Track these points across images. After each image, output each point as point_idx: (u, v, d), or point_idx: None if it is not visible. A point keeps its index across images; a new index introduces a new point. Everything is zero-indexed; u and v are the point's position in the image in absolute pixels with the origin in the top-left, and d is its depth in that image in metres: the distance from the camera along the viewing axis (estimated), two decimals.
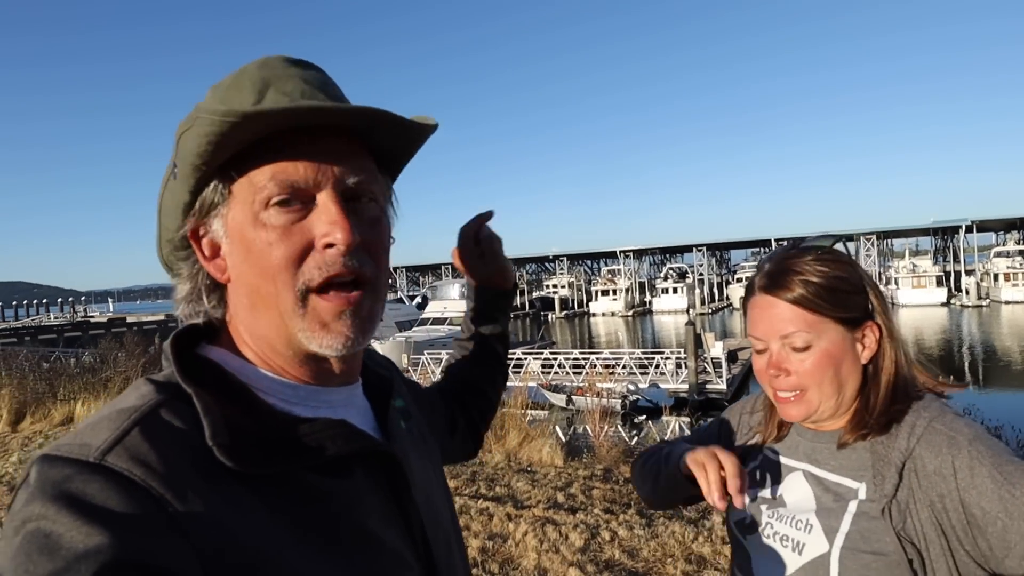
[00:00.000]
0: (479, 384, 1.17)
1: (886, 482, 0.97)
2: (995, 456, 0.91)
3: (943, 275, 61.54)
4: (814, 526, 1.03)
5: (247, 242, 0.64)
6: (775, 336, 1.07)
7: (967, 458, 0.92)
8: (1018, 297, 54.63)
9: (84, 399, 10.20)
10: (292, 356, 0.67)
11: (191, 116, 0.62)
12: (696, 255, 76.14)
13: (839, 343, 1.05)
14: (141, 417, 0.57)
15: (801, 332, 1.04)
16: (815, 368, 1.04)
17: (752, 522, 1.15)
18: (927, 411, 1.01)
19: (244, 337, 0.69)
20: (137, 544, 0.49)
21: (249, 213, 0.63)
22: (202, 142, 0.60)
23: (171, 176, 0.66)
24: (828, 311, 1.04)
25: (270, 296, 0.64)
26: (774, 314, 1.07)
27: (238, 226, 0.64)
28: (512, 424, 8.05)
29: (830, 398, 1.06)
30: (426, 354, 22.09)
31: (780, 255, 1.11)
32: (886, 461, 0.99)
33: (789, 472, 1.14)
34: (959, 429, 0.96)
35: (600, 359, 20.20)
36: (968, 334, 38.16)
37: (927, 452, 0.96)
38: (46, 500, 0.50)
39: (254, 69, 0.65)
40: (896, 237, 75.63)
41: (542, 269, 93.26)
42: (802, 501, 1.08)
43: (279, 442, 0.62)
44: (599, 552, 4.47)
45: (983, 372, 25.82)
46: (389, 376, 0.85)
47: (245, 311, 0.67)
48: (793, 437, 1.16)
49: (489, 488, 6.09)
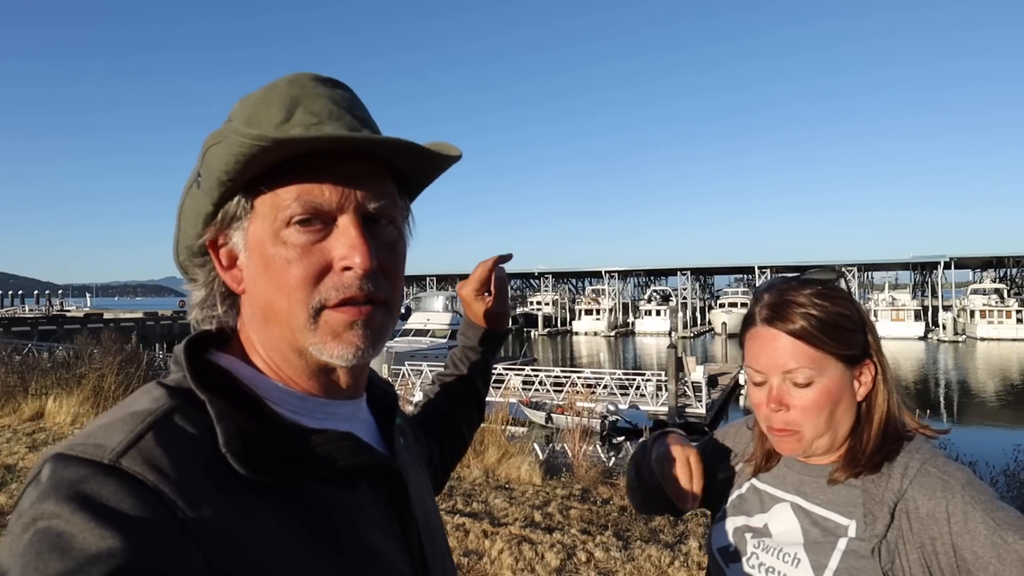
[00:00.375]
0: (457, 421, 1.16)
1: (877, 522, 0.97)
2: (988, 502, 0.92)
3: (921, 309, 62.56)
4: (802, 560, 1.02)
5: (266, 257, 0.65)
6: (777, 370, 1.05)
7: (961, 503, 0.92)
8: (993, 334, 55.67)
9: (56, 395, 9.98)
10: (303, 368, 0.68)
11: (220, 132, 0.63)
12: (680, 279, 76.82)
13: (839, 380, 1.04)
14: (155, 421, 0.58)
15: (804, 368, 1.03)
16: (814, 405, 1.03)
17: (736, 550, 1.14)
18: (919, 453, 1.01)
19: (256, 346, 0.70)
20: (149, 549, 0.49)
21: (270, 229, 0.64)
22: (230, 160, 0.61)
23: (195, 184, 0.67)
24: (831, 347, 1.03)
25: (283, 311, 0.65)
26: (777, 347, 1.05)
27: (258, 241, 0.65)
28: (491, 440, 8.01)
29: (824, 436, 1.05)
30: (407, 365, 21.99)
31: (781, 287, 1.09)
32: (878, 501, 0.99)
33: (776, 503, 1.13)
34: (952, 473, 0.97)
35: (581, 378, 20.20)
36: (944, 369, 38.67)
37: (920, 494, 0.96)
38: (60, 499, 0.50)
39: (284, 86, 0.66)
40: (877, 270, 76.94)
41: (527, 285, 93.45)
42: (789, 533, 1.07)
43: (289, 452, 0.62)
44: (575, 573, 4.44)
45: (958, 407, 26.14)
46: (393, 393, 0.87)
47: (258, 322, 0.68)
48: (781, 468, 1.16)
49: (466, 504, 6.04)
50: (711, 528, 1.23)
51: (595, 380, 20.42)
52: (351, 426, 0.71)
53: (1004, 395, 28.89)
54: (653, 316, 68.80)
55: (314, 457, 0.64)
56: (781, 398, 1.05)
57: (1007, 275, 72.39)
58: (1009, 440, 9.22)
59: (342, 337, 0.65)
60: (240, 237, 0.67)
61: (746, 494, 1.19)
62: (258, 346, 0.69)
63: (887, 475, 1.00)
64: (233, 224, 0.67)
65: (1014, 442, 7.70)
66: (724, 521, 1.19)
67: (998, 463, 6.74)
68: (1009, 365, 38.24)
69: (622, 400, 19.63)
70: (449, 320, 32.20)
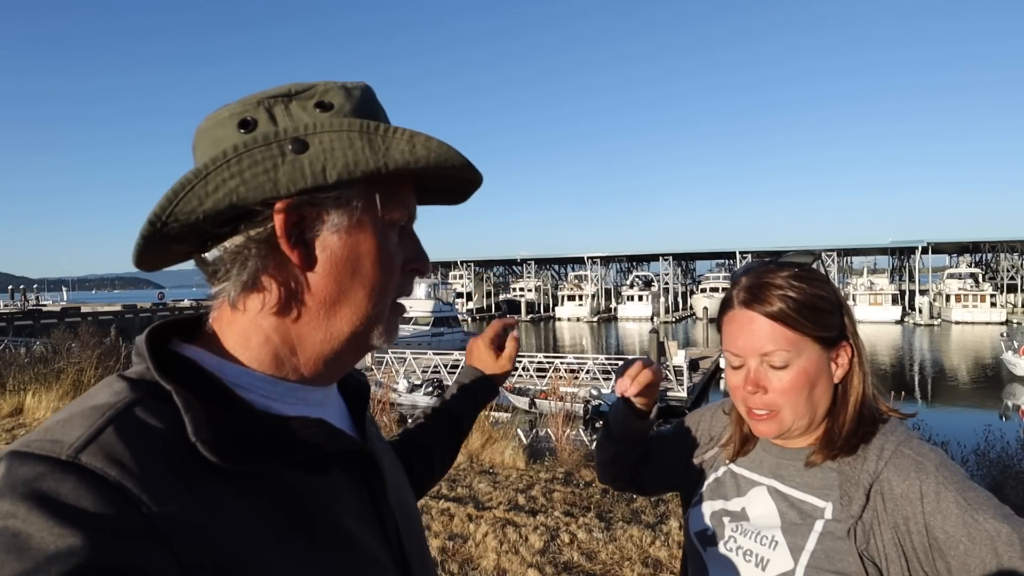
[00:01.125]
0: (432, 456, 1.15)
1: (853, 503, 0.98)
2: (960, 483, 0.94)
3: (898, 294, 63.41)
4: (779, 543, 1.03)
5: (362, 250, 0.68)
6: (754, 353, 1.06)
7: (934, 483, 0.94)
8: (967, 318, 56.57)
9: (35, 390, 9.87)
10: (328, 354, 0.70)
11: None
12: (662, 264, 77.03)
13: (816, 362, 1.05)
14: (116, 415, 0.56)
15: (781, 351, 1.03)
16: (791, 387, 1.04)
17: (713, 534, 1.14)
18: (894, 435, 1.03)
19: (248, 333, 0.67)
20: (111, 546, 0.48)
21: (377, 226, 0.68)
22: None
23: (292, 148, 0.62)
24: (808, 329, 1.03)
25: (361, 302, 0.69)
26: (754, 330, 1.06)
27: (359, 232, 0.67)
28: (475, 425, 8.05)
29: (803, 417, 1.05)
30: (390, 353, 21.94)
31: (758, 270, 1.09)
32: (854, 483, 1.00)
33: (753, 486, 1.13)
34: (926, 455, 0.98)
35: (564, 363, 20.28)
36: (919, 351, 39.30)
37: (895, 475, 0.97)
38: (15, 499, 0.48)
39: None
40: (855, 255, 77.74)
41: (509, 272, 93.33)
42: (766, 516, 1.08)
43: (260, 439, 0.61)
44: (558, 554, 4.51)
45: (931, 389, 26.62)
46: (366, 382, 0.88)
47: (315, 307, 0.67)
48: (758, 452, 1.16)
49: (450, 488, 6.09)
50: (688, 512, 1.23)
51: (578, 365, 20.52)
52: (323, 412, 0.71)
53: (976, 377, 29.47)
54: (635, 301, 69.09)
55: (286, 443, 0.63)
56: (759, 380, 1.06)
57: (982, 260, 73.60)
58: (980, 421, 9.46)
59: (392, 328, 0.73)
60: (339, 221, 0.65)
61: (723, 478, 1.19)
62: (258, 333, 0.67)
63: (863, 457, 1.01)
64: (332, 207, 0.65)
65: (984, 422, 7.90)
66: (701, 505, 1.20)
67: (969, 443, 6.91)
68: (982, 348, 38.91)
69: (605, 385, 19.74)
70: (432, 307, 32.15)
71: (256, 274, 0.64)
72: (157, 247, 0.63)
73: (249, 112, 0.64)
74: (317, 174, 0.62)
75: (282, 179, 0.61)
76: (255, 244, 0.63)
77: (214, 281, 0.66)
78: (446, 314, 34.34)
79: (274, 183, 0.61)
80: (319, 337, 0.68)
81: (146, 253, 0.63)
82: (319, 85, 0.67)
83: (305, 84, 0.67)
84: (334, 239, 0.65)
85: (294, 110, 0.65)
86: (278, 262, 0.65)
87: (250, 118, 0.64)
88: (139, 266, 0.67)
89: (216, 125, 0.65)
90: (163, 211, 0.60)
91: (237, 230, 0.63)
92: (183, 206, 0.60)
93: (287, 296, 0.66)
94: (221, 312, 0.68)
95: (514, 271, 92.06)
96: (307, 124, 0.63)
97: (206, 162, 0.61)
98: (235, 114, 0.64)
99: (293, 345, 0.68)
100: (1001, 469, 6.20)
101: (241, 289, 0.65)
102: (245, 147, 0.61)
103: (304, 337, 0.67)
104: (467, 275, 79.75)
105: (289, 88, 0.66)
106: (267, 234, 0.63)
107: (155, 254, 0.65)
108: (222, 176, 0.60)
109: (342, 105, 0.66)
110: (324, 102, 0.65)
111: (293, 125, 0.63)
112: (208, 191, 0.60)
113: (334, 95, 0.66)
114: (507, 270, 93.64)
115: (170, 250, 0.65)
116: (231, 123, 0.64)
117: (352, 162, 0.62)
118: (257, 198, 0.61)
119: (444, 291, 41.10)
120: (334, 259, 0.66)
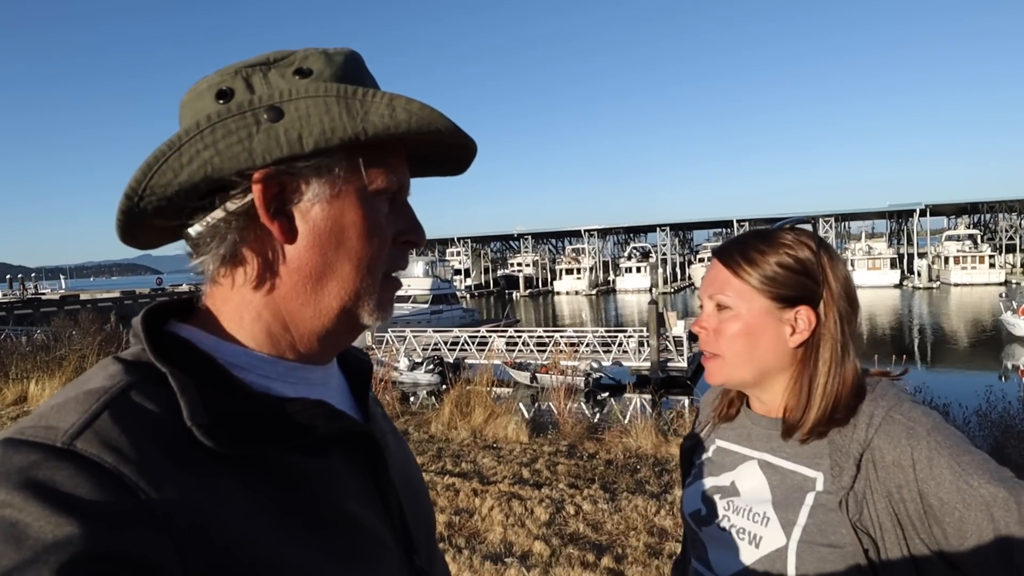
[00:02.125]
0: None
1: (844, 474, 0.97)
2: (953, 447, 0.92)
3: (897, 257, 63.42)
4: (771, 519, 1.02)
5: (346, 221, 0.65)
6: (707, 293, 1.12)
7: (926, 449, 0.92)
8: (966, 280, 56.60)
9: (38, 378, 9.93)
10: (315, 333, 0.68)
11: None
12: (659, 235, 76.93)
13: (760, 315, 1.06)
14: (111, 399, 0.55)
15: (726, 294, 1.08)
16: (728, 330, 1.08)
17: (707, 513, 1.13)
18: (884, 399, 1.01)
19: (240, 310, 0.66)
20: (109, 534, 0.47)
21: (361, 195, 0.65)
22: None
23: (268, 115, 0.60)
24: (753, 281, 1.06)
25: (348, 274, 0.66)
26: (712, 274, 1.12)
27: (342, 202, 0.65)
28: (478, 401, 8.11)
29: (742, 368, 1.07)
30: (390, 332, 21.98)
31: (755, 230, 1.13)
32: (844, 453, 0.99)
33: (743, 461, 1.13)
34: (918, 419, 0.96)
35: (564, 337, 20.31)
36: (919, 315, 39.39)
37: (886, 443, 0.96)
38: (11, 487, 0.47)
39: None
40: (853, 220, 77.58)
41: (507, 247, 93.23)
42: (757, 491, 1.07)
43: (259, 422, 0.61)
44: (564, 526, 4.56)
45: (931, 352, 26.72)
46: (369, 362, 0.86)
47: (302, 281, 0.65)
48: (747, 425, 1.16)
49: (455, 464, 6.14)
50: (683, 493, 1.23)
51: (578, 339, 20.55)
52: (324, 392, 0.70)
53: (976, 339, 29.56)
54: (633, 273, 69.10)
55: (286, 426, 0.62)
56: (703, 320, 1.12)
57: (981, 221, 73.51)
58: (980, 382, 9.52)
59: (385, 304, 0.70)
60: (320, 191, 0.63)
61: (713, 455, 1.19)
62: (250, 310, 0.66)
63: (852, 425, 1.00)
64: (312, 176, 0.63)
65: (985, 384, 7.96)
66: (693, 485, 1.20)
67: (971, 404, 6.97)
68: (981, 310, 39.01)
69: (605, 357, 19.81)
70: (430, 285, 32.12)
71: (236, 247, 0.63)
72: (138, 222, 0.62)
73: (227, 82, 0.62)
74: (293, 142, 0.60)
75: (257, 148, 0.59)
76: (234, 217, 0.62)
77: (194, 256, 0.65)
78: (444, 291, 34.29)
79: (249, 153, 0.59)
80: (309, 313, 0.66)
81: (128, 228, 0.63)
82: (299, 52, 0.65)
83: (285, 52, 0.65)
84: (316, 210, 0.64)
85: (272, 78, 0.63)
86: (260, 235, 0.63)
87: (227, 88, 0.62)
88: (125, 242, 0.66)
89: (196, 97, 0.63)
90: (139, 184, 0.59)
91: (216, 203, 0.62)
92: (158, 179, 0.59)
93: (273, 270, 0.64)
94: (213, 290, 0.67)
95: (511, 246, 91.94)
96: (283, 91, 0.61)
97: (179, 133, 0.59)
98: (213, 85, 0.63)
99: (285, 322, 0.66)
100: (1003, 429, 6.26)
101: (220, 263, 0.64)
102: (219, 116, 0.59)
103: (294, 313, 0.66)
104: (464, 251, 79.59)
105: (268, 56, 0.64)
106: (247, 206, 0.61)
107: (138, 229, 0.64)
108: (196, 147, 0.59)
109: (322, 71, 0.63)
110: (303, 68, 0.63)
111: (269, 93, 0.61)
112: (183, 163, 0.59)
113: (314, 61, 0.64)
114: (504, 245, 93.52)
115: (153, 225, 0.64)
116: (209, 94, 0.62)
117: (329, 129, 0.60)
118: (232, 169, 0.59)
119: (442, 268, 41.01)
120: (317, 230, 0.64)
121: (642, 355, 19.89)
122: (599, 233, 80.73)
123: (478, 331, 22.26)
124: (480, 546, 4.22)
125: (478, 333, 22.02)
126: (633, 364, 19.62)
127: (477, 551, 4.14)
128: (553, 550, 4.14)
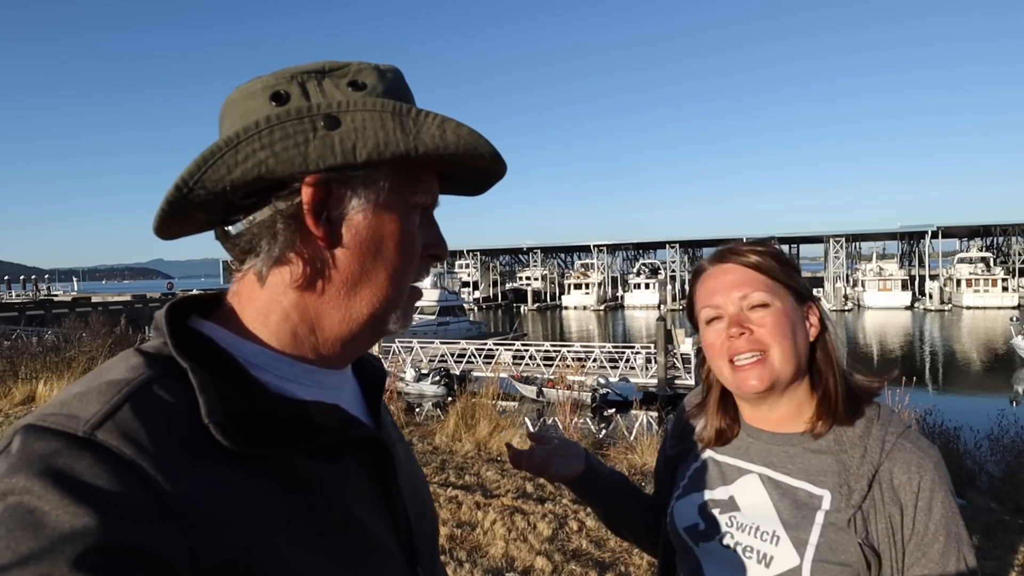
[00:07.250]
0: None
1: (854, 493, 0.99)
2: (949, 485, 1.00)
3: (908, 279, 63.10)
4: (781, 538, 1.01)
5: (385, 231, 0.67)
6: (733, 297, 1.06)
7: (930, 481, 0.98)
8: (979, 303, 56.26)
9: (47, 378, 9.98)
10: (346, 335, 0.69)
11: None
12: (668, 252, 76.99)
13: (793, 309, 1.07)
14: (133, 392, 0.56)
15: (759, 292, 1.05)
16: (775, 325, 1.04)
17: (706, 529, 1.11)
18: (892, 425, 1.04)
19: (265, 311, 0.66)
20: (125, 526, 0.48)
21: (401, 208, 0.68)
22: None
23: (325, 124, 0.62)
24: (781, 277, 1.07)
25: (382, 284, 0.68)
26: (730, 278, 1.08)
27: (383, 213, 0.67)
28: (483, 414, 8.07)
29: (790, 362, 1.04)
30: (397, 342, 22.02)
31: (720, 248, 1.15)
32: (856, 473, 1.00)
33: (741, 475, 1.11)
34: (927, 451, 1.01)
35: (571, 352, 20.31)
36: (930, 337, 39.15)
37: (898, 467, 0.99)
38: (31, 474, 0.48)
39: None
40: (864, 240, 77.30)
41: (516, 261, 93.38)
42: (759, 507, 1.06)
43: (275, 423, 0.61)
44: (567, 542, 4.52)
45: (942, 375, 26.51)
46: (382, 368, 0.87)
47: (336, 286, 0.67)
48: (744, 438, 1.14)
49: (458, 476, 6.10)
50: (672, 506, 1.18)
51: (585, 354, 20.52)
52: (338, 396, 0.71)
53: (988, 363, 29.33)
54: (642, 289, 69.24)
55: (300, 429, 0.63)
56: (742, 320, 1.05)
57: (994, 243, 73.03)
58: (992, 406, 9.42)
59: (408, 313, 0.73)
60: (365, 201, 0.65)
61: (704, 467, 1.16)
62: (278, 310, 0.66)
63: (863, 447, 1.01)
64: (359, 186, 0.64)
65: (996, 408, 7.86)
66: (686, 497, 1.16)
67: (982, 429, 6.87)
68: (994, 333, 38.68)
69: (612, 373, 19.78)
70: (437, 296, 32.20)
71: (284, 249, 0.64)
72: (181, 214, 0.62)
73: (282, 85, 0.64)
74: (347, 152, 0.61)
75: (312, 154, 0.60)
76: (282, 218, 0.63)
77: (242, 256, 0.66)
78: (451, 303, 34.36)
79: (304, 157, 0.60)
80: (338, 317, 0.67)
81: (168, 219, 0.63)
82: (353, 64, 0.67)
83: (339, 62, 0.67)
84: (359, 218, 0.65)
85: (327, 87, 0.65)
86: (303, 238, 0.64)
87: (283, 91, 0.63)
88: (159, 232, 0.66)
89: (248, 96, 0.64)
90: (191, 177, 0.59)
91: (263, 203, 0.63)
92: (211, 173, 0.59)
93: (311, 273, 0.65)
94: (240, 287, 0.68)
95: (520, 260, 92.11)
96: (340, 101, 0.63)
97: (237, 131, 0.60)
98: (268, 87, 0.64)
99: (312, 324, 0.67)
100: (1016, 455, 6.14)
101: (272, 264, 0.65)
102: (278, 119, 0.61)
103: (323, 316, 0.67)
104: (473, 264, 79.82)
105: (323, 65, 0.66)
106: (293, 209, 0.62)
107: (177, 221, 0.64)
108: (253, 146, 0.60)
109: (375, 86, 0.66)
110: (357, 81, 0.65)
111: (326, 101, 0.63)
112: (238, 160, 0.59)
113: (367, 75, 0.66)
114: (513, 259, 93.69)
115: (194, 218, 0.64)
116: (263, 95, 0.64)
117: (383, 143, 0.62)
118: (286, 171, 0.60)
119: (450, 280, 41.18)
120: (359, 238, 0.65)
121: (649, 372, 19.85)
122: (608, 249, 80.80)
123: (485, 344, 22.25)
124: (481, 560, 4.18)
125: (485, 346, 22.02)
126: (640, 380, 19.57)
127: (478, 565, 4.10)
128: (555, 566, 4.10)
